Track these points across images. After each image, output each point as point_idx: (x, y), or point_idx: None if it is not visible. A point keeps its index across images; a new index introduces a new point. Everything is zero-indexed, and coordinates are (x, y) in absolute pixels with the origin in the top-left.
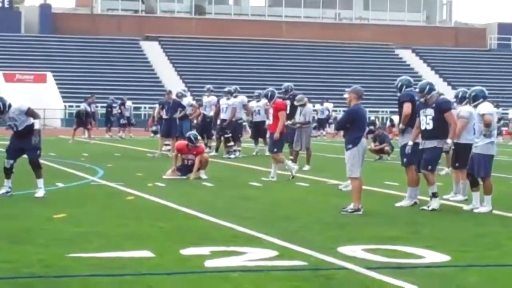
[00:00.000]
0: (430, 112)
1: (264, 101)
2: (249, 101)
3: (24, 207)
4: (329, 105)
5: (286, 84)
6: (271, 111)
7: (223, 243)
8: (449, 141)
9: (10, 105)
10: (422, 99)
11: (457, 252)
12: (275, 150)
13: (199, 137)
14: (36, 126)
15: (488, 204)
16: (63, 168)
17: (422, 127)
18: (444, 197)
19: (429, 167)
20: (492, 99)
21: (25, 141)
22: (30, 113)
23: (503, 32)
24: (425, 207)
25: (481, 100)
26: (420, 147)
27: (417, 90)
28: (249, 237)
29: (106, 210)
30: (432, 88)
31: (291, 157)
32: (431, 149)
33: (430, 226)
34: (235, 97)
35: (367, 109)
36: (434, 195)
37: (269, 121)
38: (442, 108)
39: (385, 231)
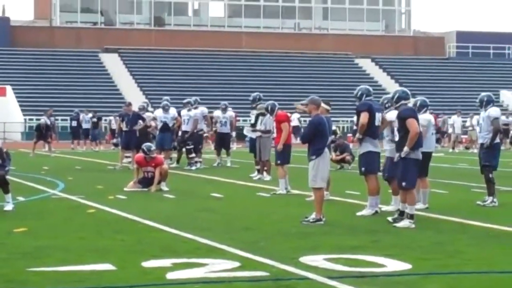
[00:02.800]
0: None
1: (230, 113)
2: (209, 112)
3: None
4: (297, 115)
5: (254, 94)
6: (274, 124)
7: (185, 255)
8: (405, 149)
9: None
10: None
11: (418, 260)
12: (278, 162)
13: (153, 148)
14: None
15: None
16: (24, 181)
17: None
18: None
19: (403, 183)
20: (452, 107)
21: None
22: (5, 156)
23: (462, 41)
24: (390, 219)
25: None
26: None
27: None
28: (211, 249)
29: (67, 224)
30: (401, 97)
31: (257, 167)
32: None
33: (391, 235)
34: (195, 108)
35: None
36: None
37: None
38: (401, 116)
39: (346, 240)
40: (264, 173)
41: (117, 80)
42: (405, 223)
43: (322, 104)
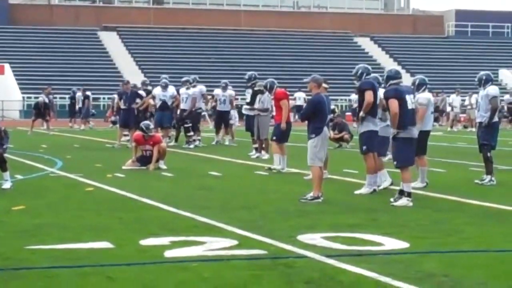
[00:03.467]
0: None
1: (230, 91)
2: (208, 91)
3: None
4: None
5: (249, 72)
6: (272, 102)
7: (183, 233)
8: (392, 130)
9: None
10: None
11: (416, 238)
12: (274, 138)
13: (151, 126)
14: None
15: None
16: (22, 159)
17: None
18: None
19: (395, 162)
20: (451, 86)
21: None
22: (3, 134)
23: (461, 19)
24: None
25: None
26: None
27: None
28: (209, 227)
29: (65, 202)
30: (390, 76)
31: (255, 146)
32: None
33: (389, 213)
34: (194, 86)
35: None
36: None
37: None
38: (385, 96)
39: (344, 218)
40: (262, 151)
41: (116, 58)
42: (403, 201)
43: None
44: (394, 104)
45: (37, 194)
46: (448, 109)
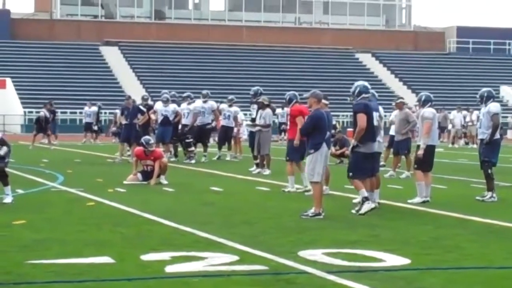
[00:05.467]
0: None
1: (236, 108)
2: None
3: None
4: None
5: (255, 88)
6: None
7: (184, 248)
8: (353, 141)
9: None
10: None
11: (417, 255)
12: (287, 158)
13: (152, 141)
14: (1, 152)
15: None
16: (23, 174)
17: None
18: (409, 201)
19: (349, 173)
20: (452, 102)
21: None
22: (2, 141)
23: (462, 36)
24: (354, 212)
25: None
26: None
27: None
28: (210, 242)
29: (66, 216)
30: (362, 91)
31: (256, 161)
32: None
33: (390, 230)
34: (205, 102)
35: None
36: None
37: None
38: (354, 110)
39: (345, 235)
40: (264, 167)
41: (117, 73)
42: (365, 206)
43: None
44: (362, 118)
45: (38, 209)
46: (450, 126)
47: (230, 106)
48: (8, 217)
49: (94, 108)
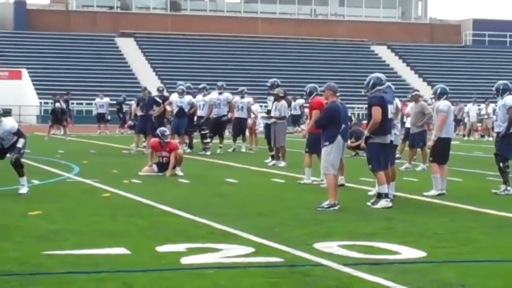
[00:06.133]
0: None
1: (248, 98)
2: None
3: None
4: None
5: (272, 79)
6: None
7: (199, 240)
8: (365, 132)
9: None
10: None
11: (432, 248)
12: (306, 149)
13: (167, 133)
14: (19, 145)
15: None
16: (39, 165)
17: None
18: (424, 193)
19: (369, 166)
20: (468, 95)
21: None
22: (19, 133)
23: (478, 28)
24: (369, 203)
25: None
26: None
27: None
28: (225, 234)
29: (82, 207)
30: (376, 83)
31: (272, 153)
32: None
33: (405, 222)
34: (220, 94)
35: None
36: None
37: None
38: (369, 103)
39: (361, 227)
40: (279, 159)
41: (133, 65)
42: (382, 203)
43: None
44: (377, 111)
45: (54, 200)
46: (466, 118)
47: (242, 97)
48: (24, 207)
49: (106, 99)
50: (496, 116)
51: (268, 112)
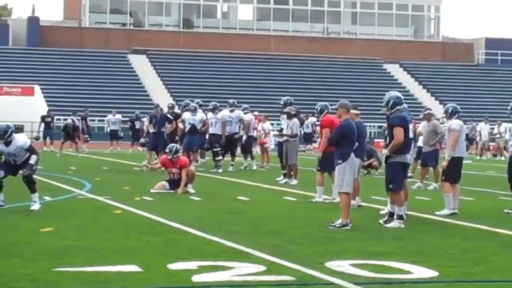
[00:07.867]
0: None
1: (250, 115)
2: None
3: (11, 220)
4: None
5: (285, 97)
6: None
7: (211, 258)
8: (384, 151)
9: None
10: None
11: (444, 267)
12: (318, 168)
13: (179, 148)
14: (32, 161)
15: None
16: (50, 181)
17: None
18: (436, 212)
19: (390, 185)
20: (480, 114)
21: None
22: (31, 149)
23: (491, 47)
24: (381, 222)
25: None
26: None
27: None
28: (237, 252)
29: (93, 224)
30: (396, 102)
31: (284, 171)
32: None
33: (417, 241)
34: (232, 111)
35: None
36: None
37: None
38: (390, 124)
39: (373, 246)
40: (291, 177)
41: (145, 82)
42: (394, 223)
43: (352, 110)
44: (400, 132)
45: (66, 216)
46: (478, 137)
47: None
48: (36, 224)
49: (119, 116)
50: (510, 136)
51: (281, 130)
